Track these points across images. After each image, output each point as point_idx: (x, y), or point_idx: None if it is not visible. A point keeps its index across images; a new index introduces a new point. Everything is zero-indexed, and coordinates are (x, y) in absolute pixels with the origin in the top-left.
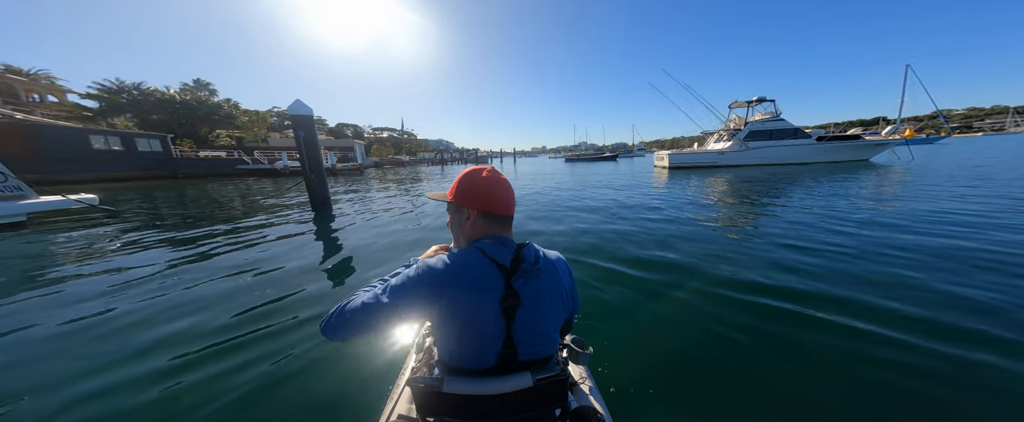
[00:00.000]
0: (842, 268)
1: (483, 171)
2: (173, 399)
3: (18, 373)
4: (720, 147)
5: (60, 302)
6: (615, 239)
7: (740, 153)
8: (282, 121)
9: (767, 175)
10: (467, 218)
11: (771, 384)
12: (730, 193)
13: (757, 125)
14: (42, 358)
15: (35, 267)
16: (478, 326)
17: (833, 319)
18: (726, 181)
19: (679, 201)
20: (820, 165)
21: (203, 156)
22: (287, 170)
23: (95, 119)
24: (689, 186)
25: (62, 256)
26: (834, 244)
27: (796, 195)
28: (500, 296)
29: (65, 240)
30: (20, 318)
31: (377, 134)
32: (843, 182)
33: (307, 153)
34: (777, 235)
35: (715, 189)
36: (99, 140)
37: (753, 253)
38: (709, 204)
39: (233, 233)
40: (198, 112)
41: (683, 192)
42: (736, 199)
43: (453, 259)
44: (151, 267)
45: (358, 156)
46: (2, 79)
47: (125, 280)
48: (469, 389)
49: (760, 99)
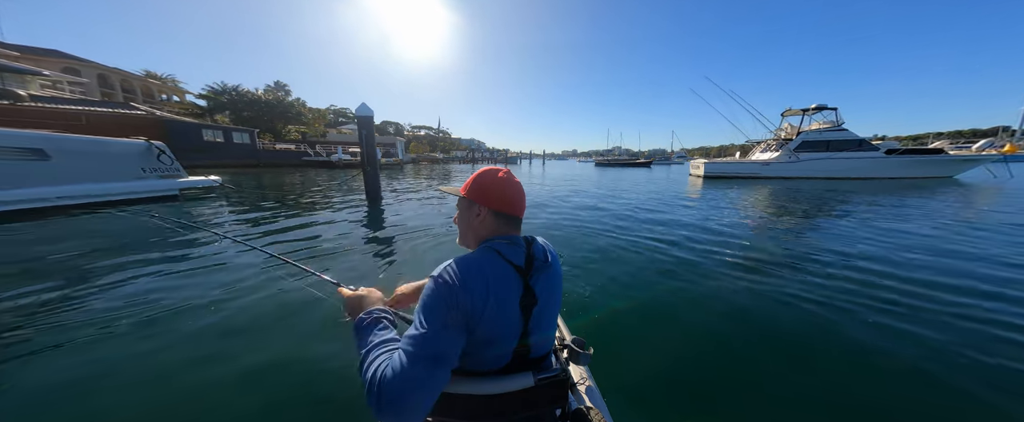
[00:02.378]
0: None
1: (499, 171)
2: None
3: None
4: (765, 158)
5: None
6: (626, 239)
7: (788, 165)
8: (337, 117)
9: (816, 188)
10: (478, 215)
11: (772, 387)
12: (764, 203)
13: (812, 135)
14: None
15: (201, 223)
16: (501, 330)
17: (840, 328)
18: (767, 193)
19: (707, 206)
20: (889, 181)
21: (278, 148)
22: (341, 162)
23: (204, 115)
24: (723, 196)
25: (215, 215)
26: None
27: (841, 210)
28: (520, 296)
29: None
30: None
31: (415, 132)
32: (906, 201)
33: (366, 148)
34: (795, 247)
35: (749, 200)
36: (208, 133)
37: (758, 258)
38: (733, 211)
39: (316, 206)
40: (276, 110)
41: (716, 200)
42: (768, 210)
43: (472, 263)
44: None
45: (399, 152)
46: (144, 82)
47: (254, 233)
48: (470, 389)
49: (819, 107)
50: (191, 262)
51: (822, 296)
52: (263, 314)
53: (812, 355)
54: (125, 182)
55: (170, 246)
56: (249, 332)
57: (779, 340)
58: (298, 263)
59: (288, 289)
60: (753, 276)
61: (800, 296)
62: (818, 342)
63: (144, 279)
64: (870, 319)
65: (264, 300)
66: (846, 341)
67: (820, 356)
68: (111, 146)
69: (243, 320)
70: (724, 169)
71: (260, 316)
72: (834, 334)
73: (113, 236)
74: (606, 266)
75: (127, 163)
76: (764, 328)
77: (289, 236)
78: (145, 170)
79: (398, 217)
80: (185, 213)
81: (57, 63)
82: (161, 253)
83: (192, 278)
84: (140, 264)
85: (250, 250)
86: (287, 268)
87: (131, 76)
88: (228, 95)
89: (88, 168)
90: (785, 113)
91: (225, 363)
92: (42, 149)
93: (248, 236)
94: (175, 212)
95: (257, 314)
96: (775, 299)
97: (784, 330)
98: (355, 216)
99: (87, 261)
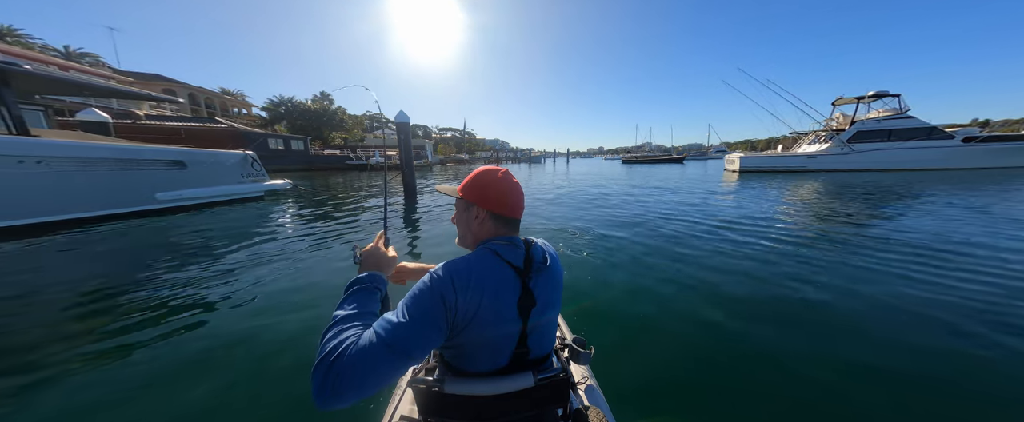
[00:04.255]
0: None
1: (498, 172)
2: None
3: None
4: (813, 150)
5: (302, 234)
6: (630, 238)
7: (839, 157)
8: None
9: (876, 182)
10: (476, 217)
11: (774, 387)
12: (801, 196)
13: (869, 124)
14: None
15: (284, 219)
16: (498, 332)
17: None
18: (809, 186)
19: (726, 201)
20: (963, 172)
21: (326, 153)
22: (378, 165)
23: (266, 126)
24: (751, 191)
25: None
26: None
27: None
28: (517, 298)
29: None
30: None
31: (442, 134)
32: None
33: (404, 151)
34: (804, 249)
35: (781, 193)
36: (272, 142)
37: (764, 258)
38: (758, 205)
39: (366, 201)
40: (323, 118)
41: (742, 195)
42: (804, 202)
43: (469, 264)
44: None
45: (428, 154)
46: (222, 98)
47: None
48: (471, 390)
49: (878, 94)
50: (296, 242)
51: (844, 292)
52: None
53: (814, 358)
54: (232, 185)
55: (274, 233)
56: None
57: (780, 341)
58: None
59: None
60: (762, 277)
61: (808, 296)
62: (824, 348)
63: (266, 250)
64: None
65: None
66: (853, 352)
67: (827, 360)
68: (222, 157)
69: (320, 279)
70: (762, 163)
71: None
72: (846, 340)
73: (232, 225)
74: (608, 265)
75: (233, 170)
76: (766, 329)
77: (347, 222)
78: (243, 175)
79: (428, 210)
80: (271, 209)
81: (158, 85)
82: (272, 237)
83: (295, 253)
84: (261, 241)
85: (317, 235)
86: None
87: (212, 93)
88: (284, 106)
89: (210, 174)
90: (837, 101)
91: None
92: (182, 161)
93: (322, 224)
94: (264, 208)
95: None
96: (784, 299)
97: (784, 331)
98: (396, 209)
99: (222, 243)
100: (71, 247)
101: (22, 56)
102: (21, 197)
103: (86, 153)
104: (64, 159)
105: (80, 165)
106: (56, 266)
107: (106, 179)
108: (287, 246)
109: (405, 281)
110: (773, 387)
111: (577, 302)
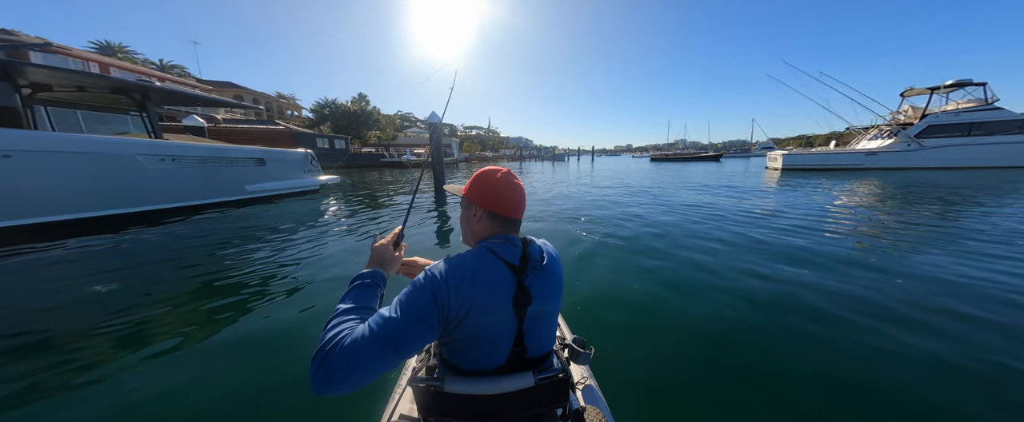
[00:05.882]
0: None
1: (498, 172)
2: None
3: None
4: (873, 146)
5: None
6: (632, 237)
7: (903, 153)
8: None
9: (953, 181)
10: (474, 215)
11: (775, 386)
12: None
13: (946, 117)
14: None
15: (340, 209)
16: (493, 328)
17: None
18: (857, 186)
19: (740, 202)
20: None
21: (363, 151)
22: (409, 162)
23: (313, 126)
24: (771, 191)
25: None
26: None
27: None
28: (513, 295)
29: (338, 201)
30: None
31: (467, 132)
32: None
33: (434, 149)
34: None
35: (808, 194)
36: (319, 141)
37: (764, 250)
38: (772, 204)
39: (401, 194)
40: (360, 118)
41: (759, 194)
42: (845, 201)
43: (464, 261)
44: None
45: (454, 151)
46: (278, 102)
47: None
48: (471, 389)
49: (958, 83)
50: (357, 227)
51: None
52: None
53: (822, 359)
54: (298, 179)
55: (334, 221)
56: None
57: (780, 343)
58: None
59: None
60: (764, 275)
61: (813, 300)
62: (827, 354)
63: (330, 233)
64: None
65: None
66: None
67: (829, 360)
68: (290, 155)
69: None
70: (808, 161)
71: None
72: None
73: (299, 214)
74: (610, 264)
75: (298, 166)
76: (766, 329)
77: (389, 212)
78: (305, 171)
79: (454, 204)
80: (327, 201)
81: (230, 91)
82: (338, 223)
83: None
84: (328, 225)
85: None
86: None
87: (270, 97)
88: (328, 108)
89: (282, 170)
90: (906, 93)
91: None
92: (263, 158)
93: (369, 215)
94: (319, 200)
95: None
96: (786, 306)
97: (785, 331)
98: (427, 203)
99: (295, 227)
100: (197, 234)
101: (140, 72)
102: (161, 187)
103: (202, 153)
104: (188, 158)
105: (197, 162)
106: (187, 247)
107: (214, 173)
108: (352, 228)
109: (415, 275)
110: (773, 388)
111: (577, 302)
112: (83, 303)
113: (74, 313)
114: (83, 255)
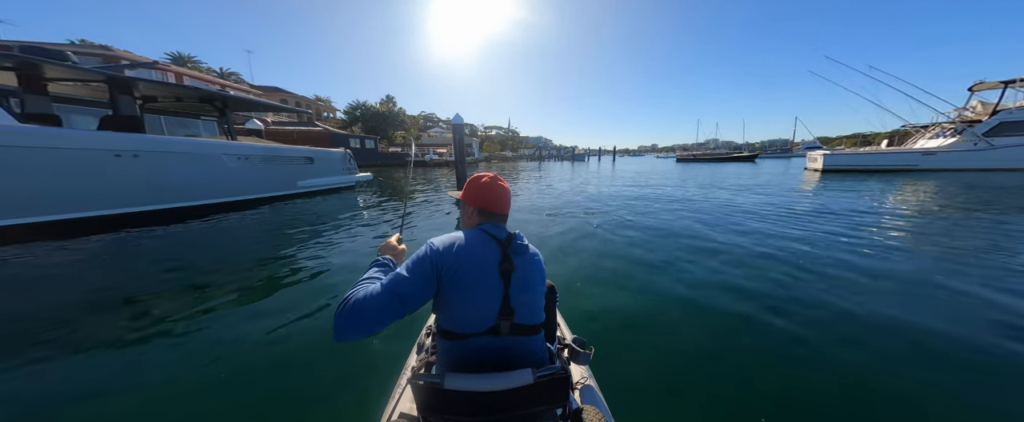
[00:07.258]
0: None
1: (483, 178)
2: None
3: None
4: (932, 145)
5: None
6: (632, 237)
7: (967, 153)
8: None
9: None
10: (467, 212)
11: (775, 386)
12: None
13: (1021, 113)
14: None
15: (369, 204)
16: (481, 286)
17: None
18: (923, 189)
19: (734, 200)
20: None
21: (391, 150)
22: (432, 162)
23: (345, 127)
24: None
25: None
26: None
27: None
28: (499, 260)
29: (369, 196)
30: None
31: (487, 132)
32: None
33: (458, 149)
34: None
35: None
36: (352, 141)
37: (769, 254)
38: (775, 204)
39: (426, 191)
40: (388, 119)
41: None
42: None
43: (455, 235)
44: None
45: (475, 151)
46: (316, 105)
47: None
48: (470, 386)
49: None
50: (381, 215)
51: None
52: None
53: (820, 360)
54: (339, 177)
55: (378, 212)
56: None
57: (780, 345)
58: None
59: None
60: (766, 275)
61: (820, 298)
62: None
63: (365, 224)
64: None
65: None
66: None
67: (829, 363)
68: (333, 154)
69: None
70: (852, 161)
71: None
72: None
73: (341, 207)
74: (609, 264)
75: (339, 164)
76: (766, 329)
77: (414, 206)
78: (344, 169)
79: None
80: (363, 197)
81: (276, 95)
82: (370, 217)
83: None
84: (365, 215)
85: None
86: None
87: (310, 100)
88: (360, 109)
89: (327, 167)
90: (975, 87)
91: None
92: (311, 157)
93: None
94: (355, 196)
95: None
96: (781, 306)
97: (786, 332)
98: (447, 205)
99: (337, 217)
100: (258, 222)
101: (205, 80)
102: (237, 181)
103: (265, 152)
104: (256, 157)
105: (262, 160)
106: (247, 236)
107: (274, 170)
108: (391, 222)
109: None
110: (774, 389)
111: (577, 302)
112: (238, 257)
113: (224, 266)
114: (207, 231)
